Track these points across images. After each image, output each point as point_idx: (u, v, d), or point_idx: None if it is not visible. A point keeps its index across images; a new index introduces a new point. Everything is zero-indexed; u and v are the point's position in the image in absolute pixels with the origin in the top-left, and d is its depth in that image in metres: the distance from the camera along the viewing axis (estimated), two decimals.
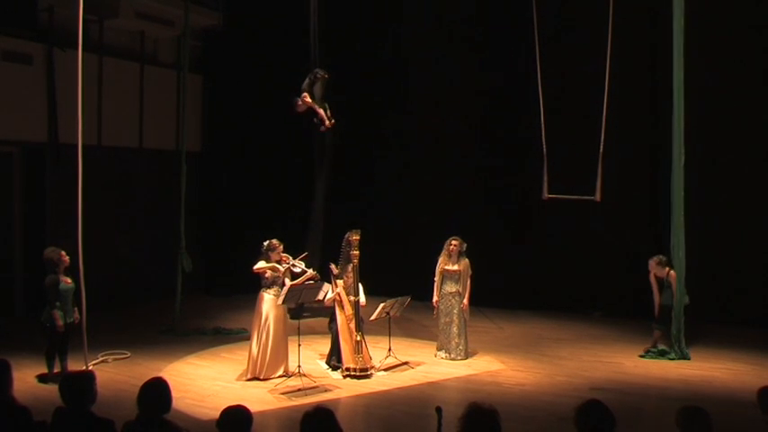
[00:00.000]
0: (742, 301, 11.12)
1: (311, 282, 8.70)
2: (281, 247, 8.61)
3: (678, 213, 9.34)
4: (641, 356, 9.51)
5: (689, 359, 9.31)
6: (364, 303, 9.07)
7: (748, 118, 11.20)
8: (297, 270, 8.69)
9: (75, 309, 8.23)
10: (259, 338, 8.44)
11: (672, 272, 9.36)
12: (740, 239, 11.24)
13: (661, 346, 9.54)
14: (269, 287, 8.54)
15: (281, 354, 8.55)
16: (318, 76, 11.33)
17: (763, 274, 11.04)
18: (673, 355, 9.36)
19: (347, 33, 13.35)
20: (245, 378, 8.42)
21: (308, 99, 11.18)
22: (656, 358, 9.39)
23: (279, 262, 8.55)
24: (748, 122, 11.21)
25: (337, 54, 13.13)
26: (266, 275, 8.52)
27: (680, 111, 9.18)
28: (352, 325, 8.89)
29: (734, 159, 11.28)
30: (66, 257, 8.18)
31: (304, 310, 10.66)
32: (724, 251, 11.21)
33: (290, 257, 8.67)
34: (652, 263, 9.52)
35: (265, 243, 8.58)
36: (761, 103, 11.07)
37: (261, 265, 8.49)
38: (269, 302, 8.50)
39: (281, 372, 8.48)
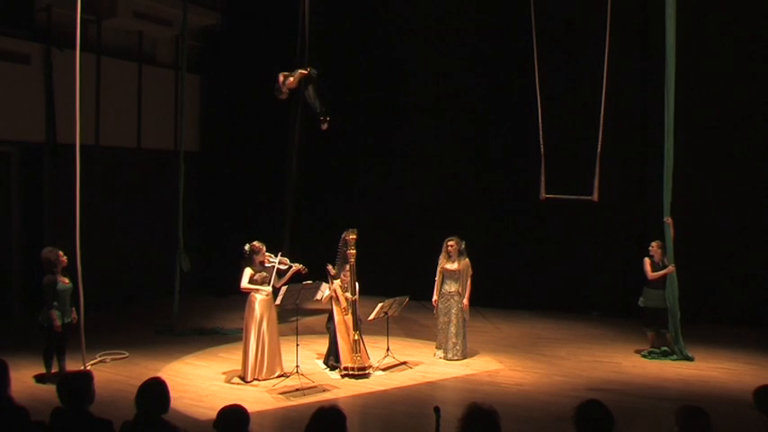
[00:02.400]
0: (741, 301, 11.12)
1: (308, 282, 8.70)
2: (264, 247, 8.59)
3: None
4: (644, 356, 9.53)
5: (692, 360, 9.31)
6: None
7: (747, 118, 11.22)
8: (283, 267, 8.68)
9: (74, 309, 8.22)
10: (257, 340, 8.42)
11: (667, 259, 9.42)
12: (740, 239, 11.25)
13: (663, 347, 9.55)
14: (259, 287, 8.52)
15: (276, 354, 8.56)
16: (312, 74, 11.02)
17: (762, 274, 11.04)
18: (675, 357, 9.37)
19: (345, 34, 13.36)
20: (244, 380, 8.37)
21: (291, 79, 10.23)
22: (659, 359, 9.40)
23: (262, 263, 8.53)
24: (747, 122, 11.23)
25: (336, 55, 13.16)
26: (255, 278, 8.51)
27: (670, 109, 9.19)
28: (350, 324, 8.88)
29: (733, 159, 11.30)
30: (64, 257, 8.16)
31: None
32: (723, 251, 11.22)
33: (272, 256, 8.65)
34: (654, 245, 9.57)
35: (247, 247, 8.53)
36: (759, 103, 11.09)
37: (247, 283, 8.43)
38: (261, 304, 8.49)
39: (278, 372, 8.48)
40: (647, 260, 9.64)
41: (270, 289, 8.52)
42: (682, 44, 9.28)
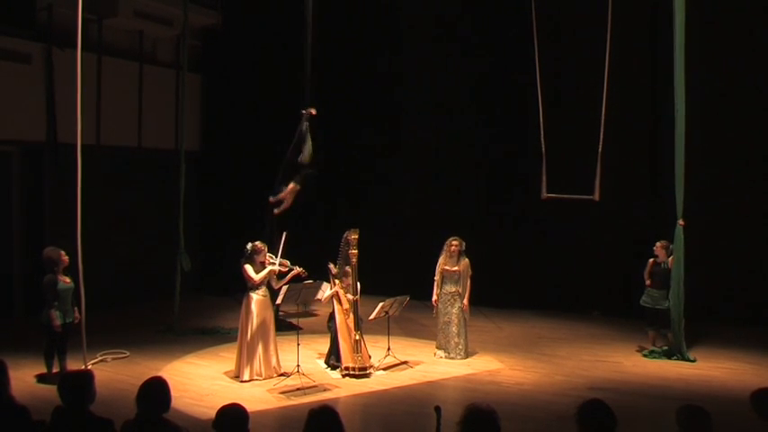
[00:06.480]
0: (742, 301, 11.11)
1: (309, 281, 8.71)
2: (266, 248, 8.61)
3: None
4: (645, 356, 9.53)
5: (693, 361, 9.29)
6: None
7: (749, 118, 11.20)
8: (284, 270, 8.70)
9: (76, 308, 8.22)
10: (252, 340, 8.43)
11: (671, 259, 9.38)
12: (740, 239, 11.24)
13: (664, 347, 9.55)
14: (256, 288, 8.53)
15: (273, 355, 8.59)
16: (305, 113, 11.04)
17: (762, 274, 11.04)
18: (676, 356, 9.36)
19: (345, 36, 13.36)
20: (239, 379, 8.38)
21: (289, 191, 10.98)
22: (659, 358, 9.39)
23: (263, 264, 8.54)
24: (749, 123, 11.21)
25: (336, 56, 13.17)
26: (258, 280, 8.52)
27: (681, 110, 9.16)
28: (351, 324, 8.89)
29: (734, 159, 11.29)
30: (66, 257, 8.16)
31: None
32: (724, 251, 11.21)
33: (273, 257, 8.66)
34: (658, 245, 9.55)
35: (249, 246, 8.53)
36: (763, 103, 11.07)
37: (255, 273, 8.44)
38: (258, 304, 8.49)
39: (275, 373, 8.50)
40: (650, 261, 9.64)
41: (276, 267, 8.56)
42: (691, 37, 9.23)
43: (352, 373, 8.55)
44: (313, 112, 10.94)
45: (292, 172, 11.02)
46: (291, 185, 11.01)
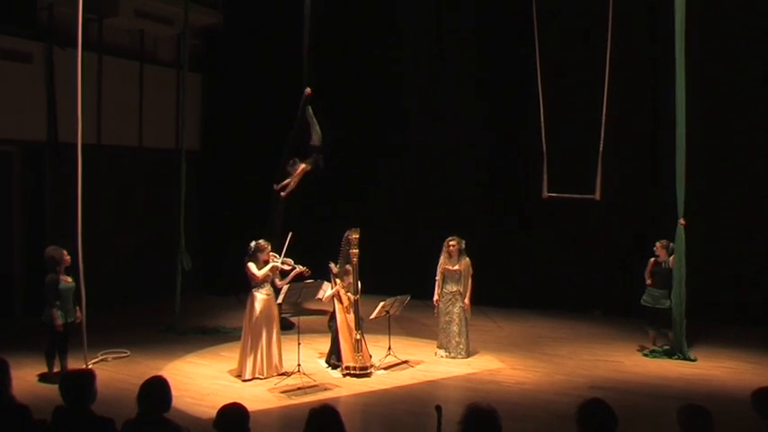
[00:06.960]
0: (742, 300, 11.11)
1: (310, 281, 8.72)
2: (269, 246, 8.62)
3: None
4: (645, 355, 9.53)
5: (694, 361, 9.29)
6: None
7: (750, 117, 11.20)
8: (287, 268, 8.73)
9: (77, 308, 8.23)
10: (256, 339, 8.45)
11: (672, 259, 9.38)
12: (741, 238, 11.23)
13: (664, 346, 9.55)
14: (260, 287, 8.54)
15: (276, 354, 8.59)
16: (304, 97, 11.16)
17: (762, 274, 11.03)
18: (677, 356, 9.36)
19: (347, 35, 13.35)
20: (243, 378, 8.38)
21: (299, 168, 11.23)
22: (660, 358, 9.39)
23: (266, 262, 8.55)
24: (750, 122, 11.20)
25: (338, 55, 13.16)
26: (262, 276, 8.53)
27: (682, 110, 9.16)
28: (352, 323, 8.89)
29: (735, 159, 11.29)
30: (68, 257, 8.17)
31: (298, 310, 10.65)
32: (724, 250, 11.20)
33: (276, 256, 8.68)
34: (659, 245, 9.56)
35: (253, 244, 8.55)
36: (764, 103, 11.07)
37: (258, 270, 8.46)
38: (261, 302, 8.50)
39: (276, 372, 8.50)
40: (651, 260, 9.64)
41: (278, 264, 8.60)
42: (692, 37, 9.24)
43: (352, 372, 8.56)
44: (309, 91, 11.11)
45: (302, 155, 11.19)
46: (302, 166, 11.20)
